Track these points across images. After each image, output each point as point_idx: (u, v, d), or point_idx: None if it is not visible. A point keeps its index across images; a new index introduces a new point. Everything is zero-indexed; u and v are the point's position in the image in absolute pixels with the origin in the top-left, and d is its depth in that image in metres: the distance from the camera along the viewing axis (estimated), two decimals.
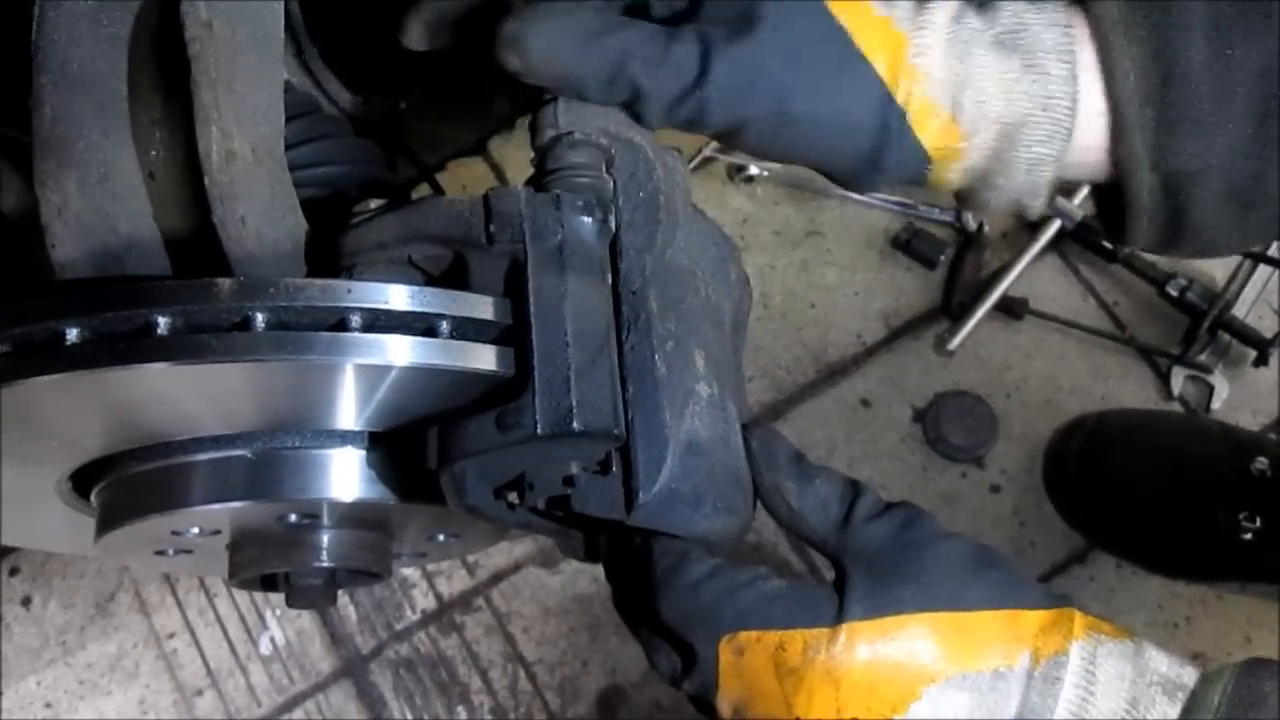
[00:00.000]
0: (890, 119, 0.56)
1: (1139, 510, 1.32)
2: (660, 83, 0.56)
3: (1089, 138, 0.58)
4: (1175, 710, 0.51)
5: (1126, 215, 0.59)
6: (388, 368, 0.53)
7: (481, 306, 0.54)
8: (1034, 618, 0.52)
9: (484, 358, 0.54)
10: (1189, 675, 0.52)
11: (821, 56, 0.56)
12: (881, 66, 0.56)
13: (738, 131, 0.57)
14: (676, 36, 0.56)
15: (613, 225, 0.56)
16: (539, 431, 0.51)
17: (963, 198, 0.62)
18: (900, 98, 0.56)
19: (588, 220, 0.55)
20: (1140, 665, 0.52)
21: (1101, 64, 0.57)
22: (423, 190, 0.91)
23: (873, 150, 0.57)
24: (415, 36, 0.61)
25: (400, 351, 0.52)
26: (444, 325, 0.53)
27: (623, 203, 0.57)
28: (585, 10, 0.57)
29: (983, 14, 0.58)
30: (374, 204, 0.58)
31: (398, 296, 0.53)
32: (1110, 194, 0.61)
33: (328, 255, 0.58)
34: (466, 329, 0.54)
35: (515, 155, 1.45)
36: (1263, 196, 0.57)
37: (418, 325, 0.53)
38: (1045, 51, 0.57)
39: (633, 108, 0.57)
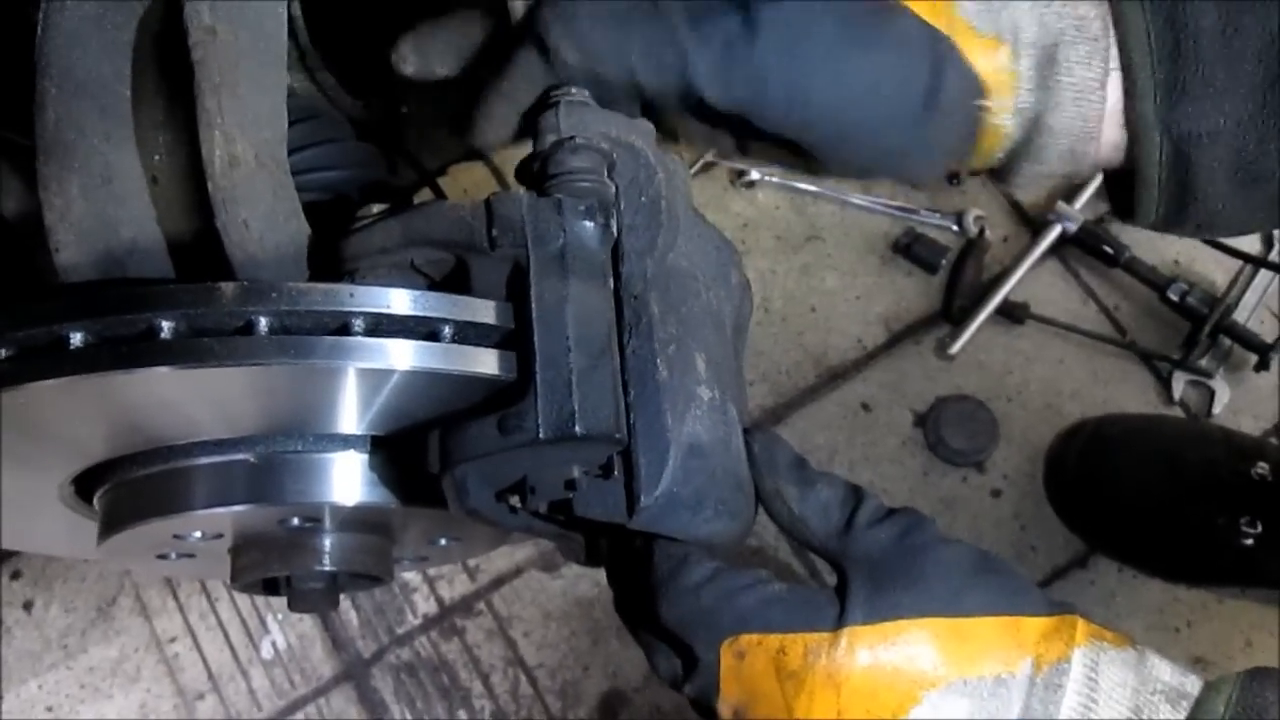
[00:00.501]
0: (940, 50, 0.57)
1: (1140, 515, 1.32)
2: (709, 49, 0.55)
3: (1104, 105, 0.58)
4: (1180, 717, 0.51)
5: (1136, 185, 0.60)
6: (390, 372, 0.53)
7: (483, 311, 0.54)
8: (1036, 624, 0.52)
9: (486, 362, 0.54)
10: (1192, 684, 0.52)
11: (861, 5, 0.57)
12: (918, 7, 0.57)
13: (798, 91, 0.56)
14: (711, 9, 0.56)
15: (614, 229, 0.56)
16: (541, 435, 0.51)
17: (1018, 156, 0.61)
18: (944, 29, 0.57)
19: (589, 225, 0.55)
20: (1143, 673, 0.52)
21: (1115, 27, 0.57)
22: (424, 195, 0.91)
23: (930, 87, 0.57)
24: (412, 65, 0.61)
25: (402, 356, 0.52)
26: (446, 329, 0.53)
27: (624, 207, 0.57)
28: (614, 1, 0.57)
29: None
30: (376, 208, 0.58)
31: (400, 301, 0.53)
32: (1120, 176, 0.61)
33: (330, 260, 0.58)
34: (468, 333, 0.54)
35: (517, 160, 1.45)
36: (1267, 169, 0.58)
37: (420, 330, 0.53)
38: None
39: (688, 95, 0.57)
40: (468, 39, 0.61)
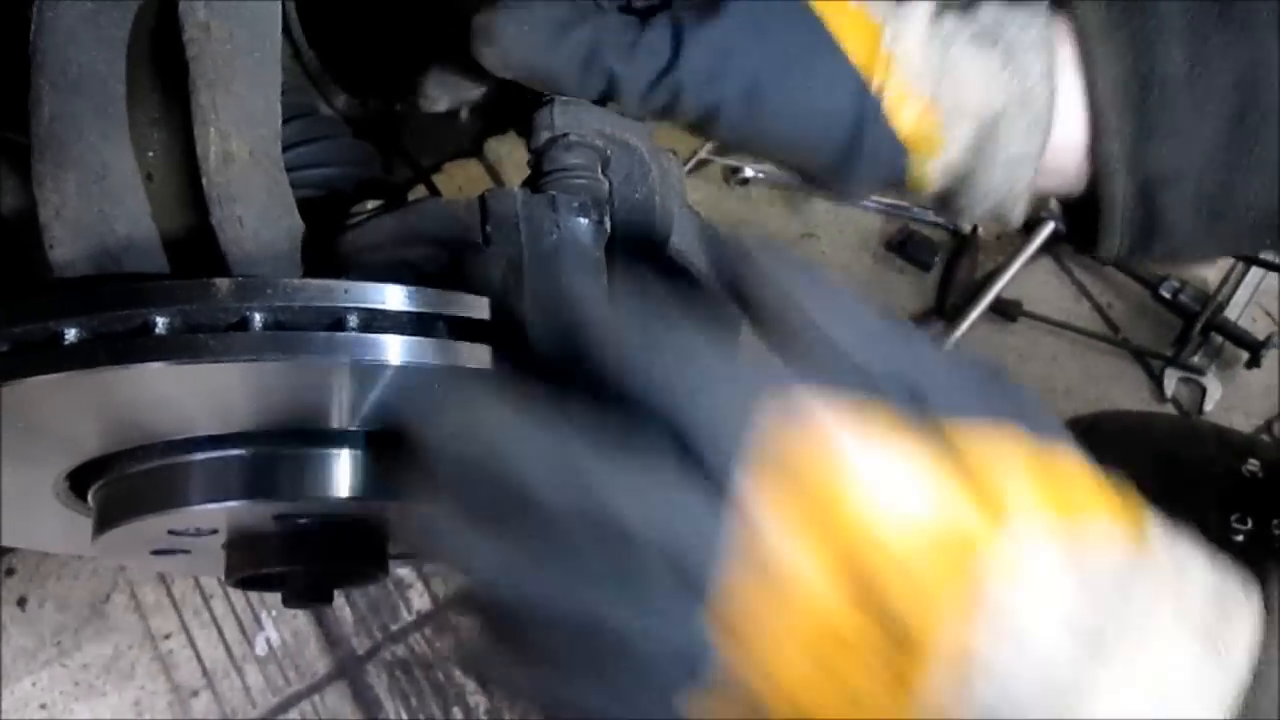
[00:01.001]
0: (864, 105, 0.56)
1: None
2: (634, 68, 0.55)
3: (1065, 139, 0.57)
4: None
5: (1101, 220, 0.59)
6: (384, 367, 0.53)
7: (478, 306, 0.54)
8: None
9: (480, 357, 0.54)
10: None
11: (793, 39, 0.56)
12: (855, 52, 0.55)
13: (712, 117, 0.56)
14: (649, 23, 0.55)
15: (608, 226, 0.57)
16: None
17: (942, 202, 0.61)
18: (875, 84, 0.56)
19: (583, 221, 0.55)
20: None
21: (1083, 68, 0.57)
22: (419, 192, 0.91)
23: (848, 138, 0.56)
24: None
25: (397, 351, 0.53)
26: (441, 325, 0.53)
27: (618, 204, 0.57)
28: (557, 4, 0.56)
29: (961, 13, 0.58)
30: (371, 205, 0.59)
31: (394, 297, 0.53)
32: (1081, 204, 0.60)
33: (325, 256, 0.58)
34: (463, 329, 0.54)
35: (511, 157, 1.46)
36: (1232, 206, 0.57)
37: (414, 325, 0.53)
38: (1024, 48, 0.56)
39: (609, 97, 0.56)
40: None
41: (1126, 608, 0.40)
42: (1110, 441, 1.39)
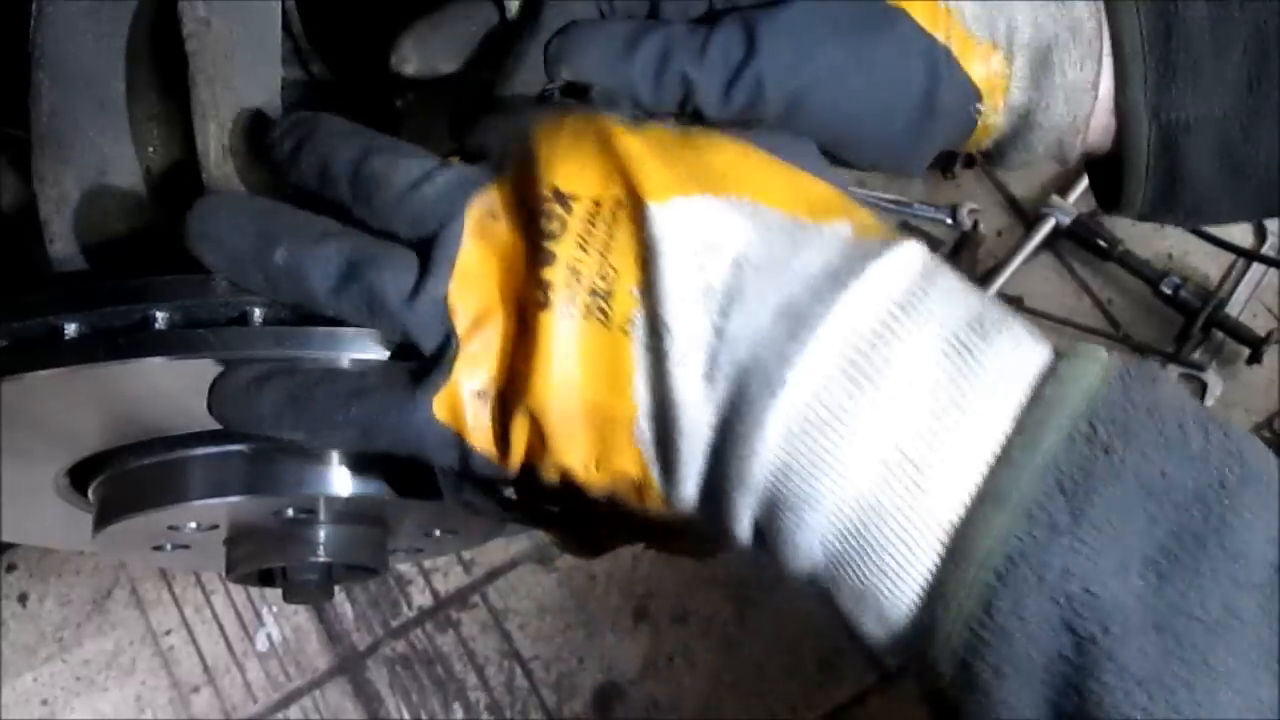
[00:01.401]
0: (937, 58, 0.57)
1: None
2: (710, 69, 0.55)
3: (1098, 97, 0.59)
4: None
5: (1124, 172, 0.60)
6: (386, 364, 0.53)
7: None
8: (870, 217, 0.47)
9: None
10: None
11: (860, 13, 0.57)
12: (918, 13, 0.57)
13: (798, 105, 0.56)
14: (716, 25, 0.56)
15: None
16: None
17: (1005, 146, 0.62)
18: (941, 36, 0.57)
19: None
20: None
21: (1109, 18, 0.58)
22: None
23: (924, 97, 0.57)
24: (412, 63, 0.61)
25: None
26: None
27: None
28: (621, 21, 0.57)
29: None
30: None
31: None
32: (1106, 162, 0.62)
33: None
34: None
35: None
36: (1253, 159, 0.59)
37: None
38: None
39: (687, 104, 0.56)
40: (467, 33, 0.61)
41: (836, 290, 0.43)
42: None
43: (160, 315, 0.51)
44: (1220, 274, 1.45)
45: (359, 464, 0.62)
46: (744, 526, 0.46)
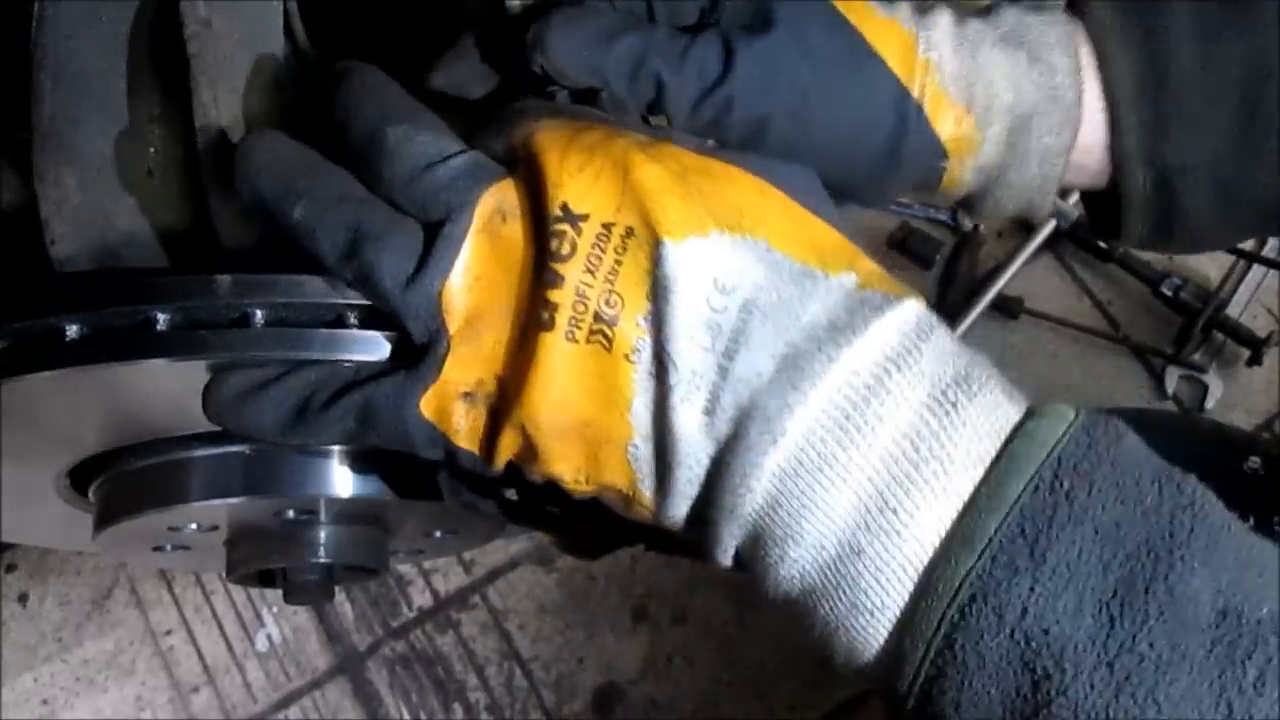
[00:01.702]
0: (906, 111, 0.57)
1: None
2: (684, 76, 0.56)
3: (1087, 136, 0.60)
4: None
5: (1122, 211, 0.61)
6: (384, 363, 0.53)
7: None
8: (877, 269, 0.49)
9: None
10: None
11: (837, 52, 0.57)
12: (894, 61, 0.57)
13: (761, 129, 0.57)
14: (697, 37, 0.57)
15: None
16: None
17: (974, 200, 0.63)
18: (915, 90, 0.58)
19: None
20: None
21: (1099, 66, 0.59)
22: None
23: (890, 144, 0.58)
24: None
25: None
26: None
27: None
28: (606, 13, 0.57)
29: (985, 17, 0.60)
30: None
31: None
32: (1103, 196, 0.63)
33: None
34: None
35: None
36: (1248, 193, 0.60)
37: None
38: (1049, 47, 0.59)
39: (656, 106, 0.57)
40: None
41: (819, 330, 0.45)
42: None
43: (162, 317, 0.51)
44: (1220, 275, 1.45)
45: (360, 465, 0.62)
46: (727, 551, 0.47)
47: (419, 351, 0.48)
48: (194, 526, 0.67)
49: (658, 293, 0.45)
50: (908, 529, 0.43)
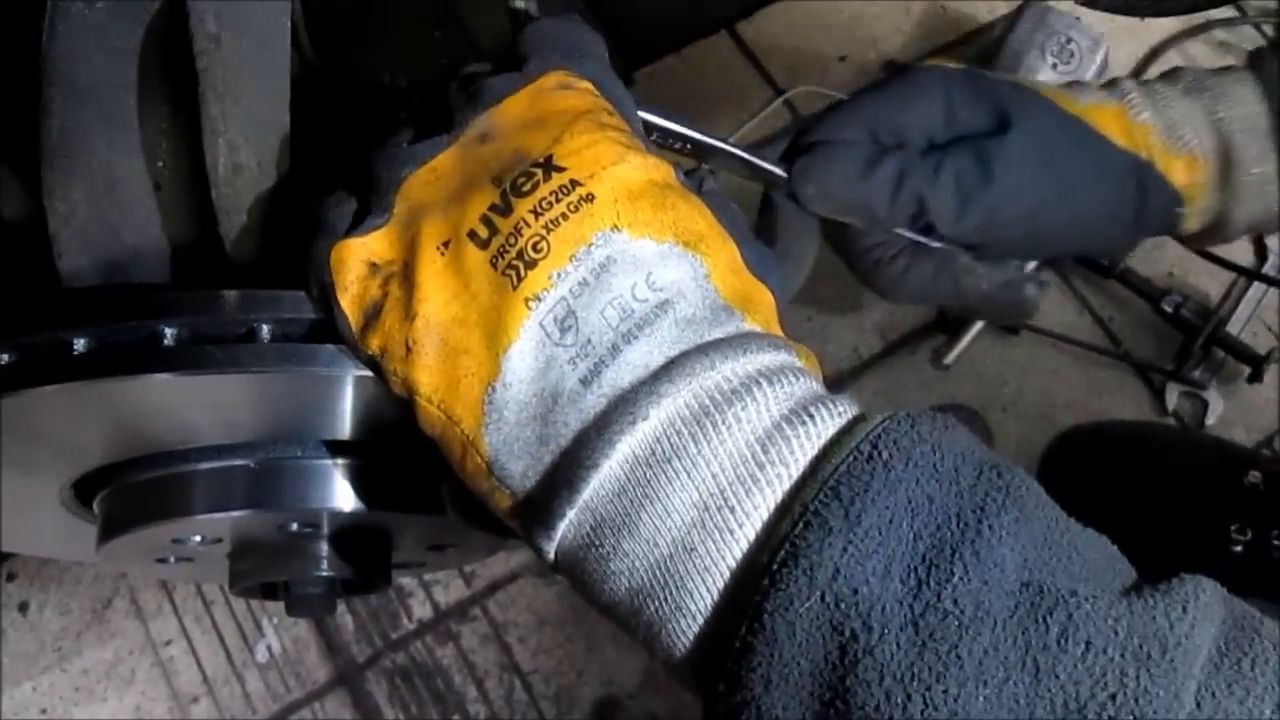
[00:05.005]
0: (1144, 174, 0.66)
1: (1130, 520, 1.32)
2: (944, 191, 0.64)
3: None
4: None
5: None
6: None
7: None
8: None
9: None
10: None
11: (1073, 139, 0.66)
12: (1116, 134, 0.66)
13: (1031, 223, 0.66)
14: (948, 152, 0.65)
15: None
16: None
17: (1205, 237, 0.72)
18: (1144, 154, 0.66)
19: None
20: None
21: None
22: None
23: (1137, 205, 0.66)
24: None
25: None
26: None
27: None
28: (864, 144, 0.66)
29: (1163, 78, 0.70)
30: None
31: None
32: None
33: None
34: None
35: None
36: None
37: None
38: (1230, 85, 0.68)
39: (918, 220, 0.65)
40: None
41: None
42: (1112, 450, 1.39)
43: (168, 331, 0.51)
44: (1221, 292, 1.45)
45: (363, 479, 0.62)
46: (553, 536, 0.46)
47: (365, 207, 0.51)
48: (198, 539, 0.67)
49: (595, 268, 0.46)
50: (741, 529, 0.43)
